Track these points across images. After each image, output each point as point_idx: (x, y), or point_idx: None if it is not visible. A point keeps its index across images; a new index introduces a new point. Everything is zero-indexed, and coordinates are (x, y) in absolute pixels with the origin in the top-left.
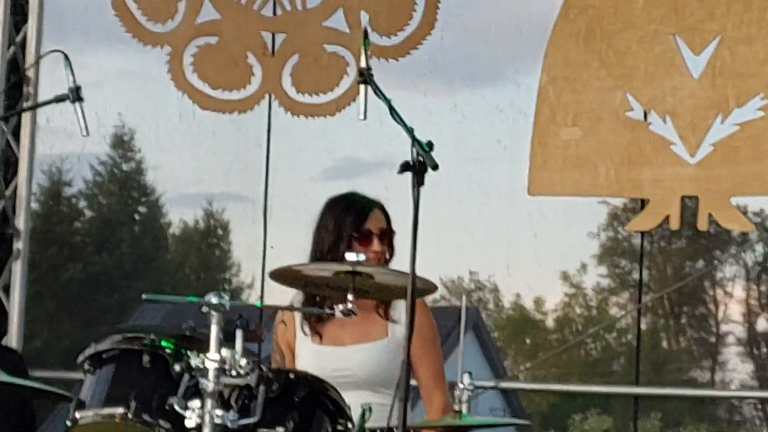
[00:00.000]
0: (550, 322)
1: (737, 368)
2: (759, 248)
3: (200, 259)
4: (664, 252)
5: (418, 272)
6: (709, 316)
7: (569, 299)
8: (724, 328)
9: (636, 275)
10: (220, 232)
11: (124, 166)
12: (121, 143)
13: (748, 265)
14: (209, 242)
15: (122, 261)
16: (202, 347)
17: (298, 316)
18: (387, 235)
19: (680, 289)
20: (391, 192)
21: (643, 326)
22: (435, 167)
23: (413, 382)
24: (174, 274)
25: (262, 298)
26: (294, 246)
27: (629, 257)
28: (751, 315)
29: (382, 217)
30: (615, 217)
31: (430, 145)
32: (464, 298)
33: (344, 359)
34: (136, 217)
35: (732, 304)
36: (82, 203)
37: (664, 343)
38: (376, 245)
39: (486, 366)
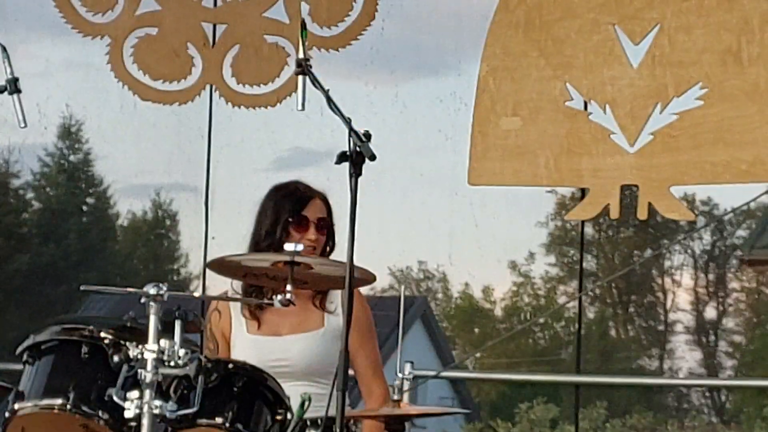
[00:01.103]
0: (498, 311)
1: (685, 356)
2: (707, 237)
3: (148, 249)
4: (612, 241)
5: (367, 262)
6: (658, 304)
7: (517, 288)
8: (672, 316)
9: (585, 264)
10: (168, 222)
11: (72, 157)
12: (69, 134)
13: (696, 254)
14: (157, 233)
15: (70, 252)
16: (143, 338)
17: (234, 304)
18: (325, 226)
19: (628, 278)
20: (333, 182)
21: (591, 315)
22: (372, 158)
23: (351, 372)
24: (122, 264)
25: (204, 288)
26: (237, 237)
27: (577, 247)
28: (699, 303)
29: (323, 208)
30: (563, 206)
31: (367, 135)
32: (403, 288)
33: (282, 349)
34: (84, 208)
35: (680, 293)
36: (30, 194)
37: (612, 332)
38: (312, 233)
39: (434, 355)
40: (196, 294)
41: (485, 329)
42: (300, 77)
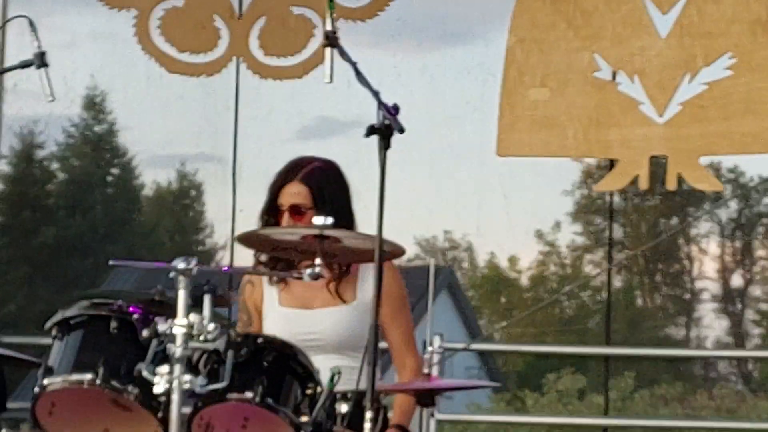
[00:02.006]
0: (524, 281)
1: (712, 325)
2: (733, 205)
3: (174, 220)
4: (639, 209)
5: (392, 233)
6: (684, 273)
7: (543, 257)
8: (698, 284)
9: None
10: (193, 193)
11: (97, 128)
12: (93, 105)
13: (722, 222)
14: (182, 204)
15: (96, 224)
16: (172, 312)
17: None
18: (300, 212)
19: (655, 246)
20: (361, 153)
21: (617, 284)
22: (401, 130)
23: (384, 345)
24: (148, 236)
25: (232, 260)
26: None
27: (603, 215)
28: (726, 271)
29: (301, 191)
30: (589, 175)
31: (396, 108)
32: (432, 262)
33: (313, 322)
34: (109, 179)
35: (707, 261)
36: (55, 165)
37: (639, 301)
38: (285, 221)
39: (461, 325)
40: (225, 268)
41: (511, 299)
42: (328, 49)
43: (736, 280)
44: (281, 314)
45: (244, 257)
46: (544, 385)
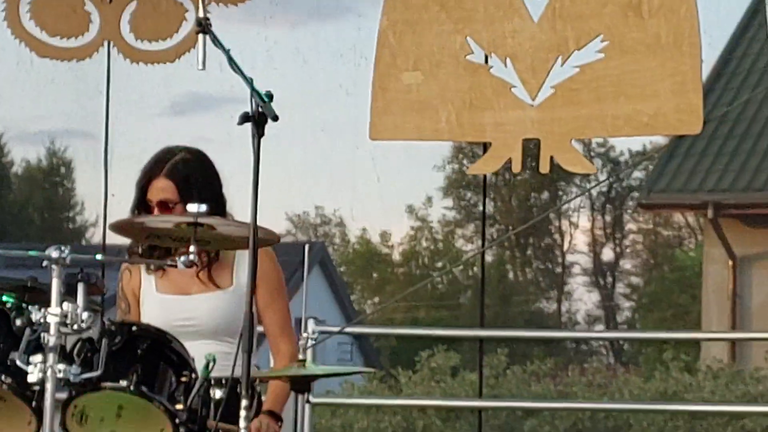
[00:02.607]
0: (396, 256)
1: (583, 298)
2: (603, 178)
3: (44, 198)
4: (509, 184)
5: (264, 209)
6: (555, 246)
7: (415, 233)
8: (569, 258)
9: (481, 207)
10: (63, 170)
11: None
12: None
13: (592, 196)
14: (52, 181)
15: None
16: (45, 299)
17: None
18: (168, 207)
19: (525, 221)
20: (233, 129)
21: (489, 258)
22: (275, 118)
23: (260, 329)
24: (17, 214)
25: (104, 247)
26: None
27: (474, 189)
28: (596, 245)
29: (167, 186)
30: (459, 150)
31: (269, 95)
32: (307, 247)
33: (189, 308)
34: None
35: (577, 235)
36: None
37: (510, 275)
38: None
39: (333, 301)
40: (99, 257)
41: (383, 274)
42: (200, 36)
43: (607, 254)
44: (158, 300)
45: (118, 239)
46: (417, 362)
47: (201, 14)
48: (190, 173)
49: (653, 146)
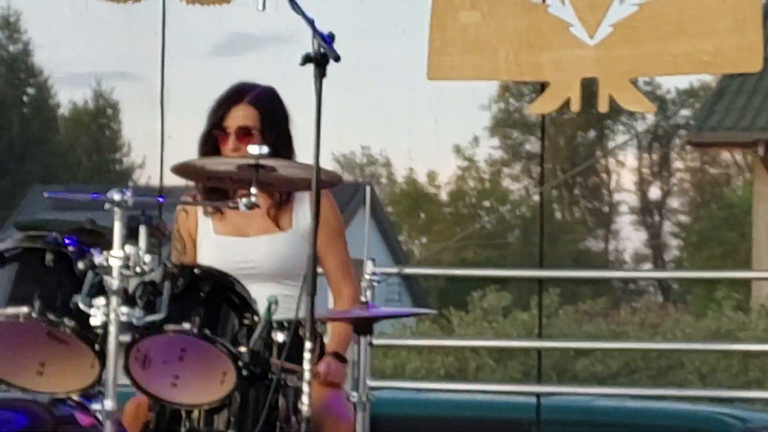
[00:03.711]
0: (443, 196)
1: (630, 237)
2: (650, 117)
3: (91, 140)
4: (556, 122)
5: (312, 151)
6: (602, 185)
7: (462, 172)
8: (616, 197)
9: (528, 146)
10: (109, 112)
11: (11, 48)
12: (7, 24)
13: (639, 134)
14: (99, 123)
15: (13, 144)
16: (103, 241)
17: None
18: (249, 134)
19: (573, 160)
20: (289, 76)
21: (536, 198)
22: (337, 59)
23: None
24: (65, 155)
25: (161, 189)
26: (195, 133)
27: (520, 128)
28: (643, 183)
29: (250, 114)
30: (506, 89)
31: (331, 36)
32: (368, 189)
33: (248, 250)
34: (25, 99)
35: (624, 173)
36: None
37: (558, 214)
38: (231, 144)
39: (381, 242)
40: (160, 198)
41: (430, 214)
42: None
43: (654, 192)
44: (216, 242)
45: (175, 180)
46: (469, 302)
47: None
48: (274, 105)
49: (701, 84)
